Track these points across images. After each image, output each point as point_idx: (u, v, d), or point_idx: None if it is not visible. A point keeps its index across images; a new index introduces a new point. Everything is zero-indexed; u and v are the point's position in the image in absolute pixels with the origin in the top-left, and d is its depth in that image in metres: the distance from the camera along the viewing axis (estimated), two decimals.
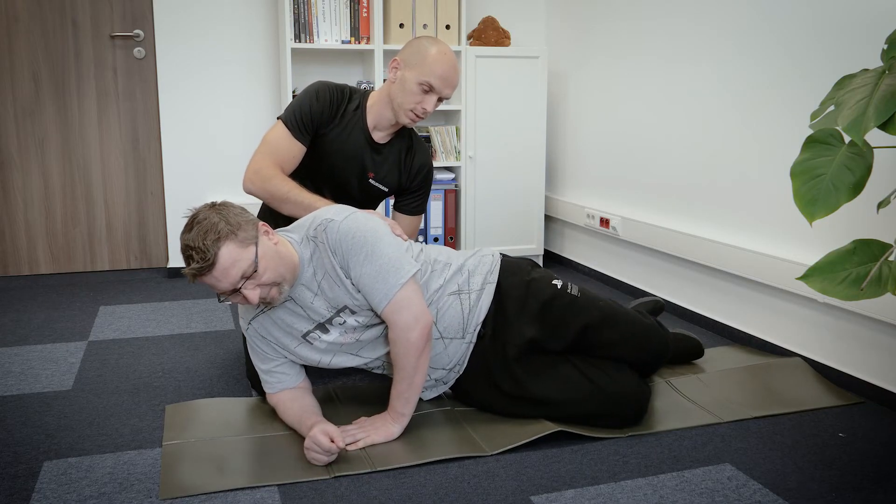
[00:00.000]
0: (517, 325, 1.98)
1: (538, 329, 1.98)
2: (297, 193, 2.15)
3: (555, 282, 2.05)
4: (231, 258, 1.71)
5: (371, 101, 2.28)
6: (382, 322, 1.92)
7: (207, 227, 1.72)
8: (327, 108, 2.23)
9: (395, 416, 1.90)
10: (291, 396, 1.97)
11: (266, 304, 1.87)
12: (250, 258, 1.73)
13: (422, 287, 1.93)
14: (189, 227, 1.75)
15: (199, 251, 1.69)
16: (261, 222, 1.82)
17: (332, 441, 1.75)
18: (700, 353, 2.46)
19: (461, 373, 2.03)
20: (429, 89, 2.16)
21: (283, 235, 1.90)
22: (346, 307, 1.88)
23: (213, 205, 1.80)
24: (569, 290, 2.04)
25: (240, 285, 1.74)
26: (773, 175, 2.52)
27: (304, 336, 1.93)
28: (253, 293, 1.75)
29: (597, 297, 2.08)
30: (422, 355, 1.86)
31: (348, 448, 1.83)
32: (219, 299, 1.83)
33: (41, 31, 3.44)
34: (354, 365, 1.98)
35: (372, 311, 1.89)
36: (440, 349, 1.98)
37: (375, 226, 1.88)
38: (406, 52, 2.20)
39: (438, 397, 2.12)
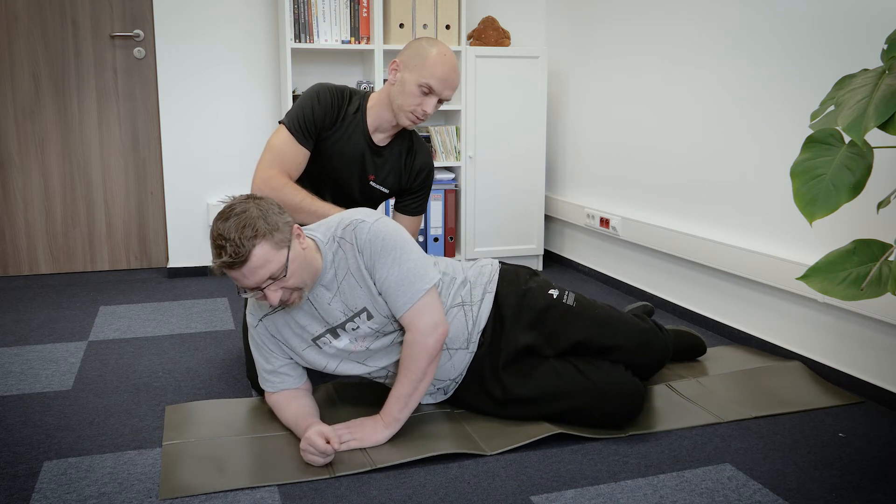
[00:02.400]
0: (513, 332, 1.99)
1: (533, 337, 1.98)
2: (311, 203, 2.14)
3: (551, 291, 2.05)
4: (263, 259, 1.69)
5: (371, 103, 2.27)
6: (394, 332, 1.91)
7: (246, 222, 1.68)
8: (329, 111, 2.23)
9: (389, 421, 1.87)
10: (289, 396, 1.97)
11: (283, 306, 1.86)
12: (281, 261, 1.72)
13: None
14: (225, 216, 1.70)
15: (234, 244, 1.66)
16: (295, 224, 1.80)
17: (328, 442, 1.75)
18: (702, 350, 2.46)
19: (460, 382, 2.03)
20: (428, 91, 2.16)
21: (309, 234, 1.88)
22: (364, 310, 1.87)
23: (253, 197, 1.76)
24: (564, 300, 2.03)
25: (264, 285, 1.73)
26: (773, 175, 2.52)
27: (315, 340, 1.92)
28: (275, 294, 1.74)
29: (593, 304, 2.07)
30: (433, 362, 1.86)
31: (337, 450, 1.81)
32: (238, 292, 1.82)
33: (41, 31, 3.44)
34: (359, 373, 1.97)
35: (387, 318, 1.89)
36: (445, 360, 1.98)
37: (404, 232, 1.89)
38: (406, 53, 2.20)
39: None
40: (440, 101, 2.20)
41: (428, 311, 1.85)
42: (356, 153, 2.27)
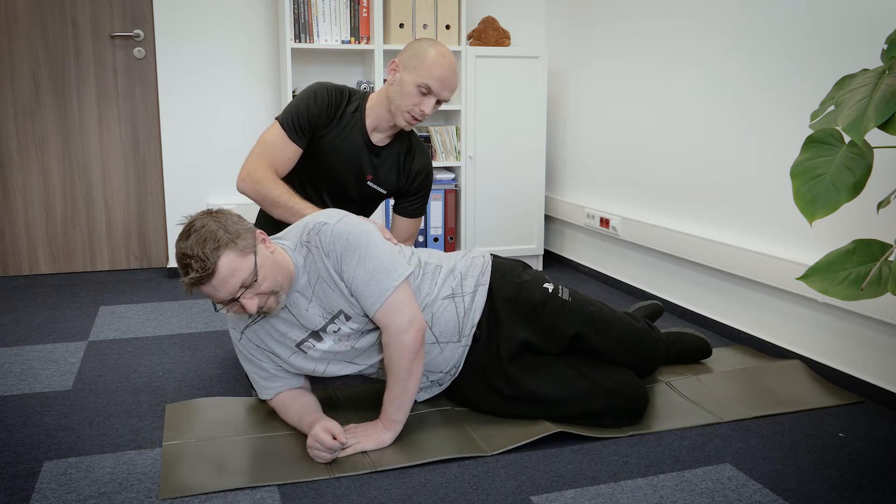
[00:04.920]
0: (509, 326, 1.98)
1: (531, 331, 1.98)
2: (288, 199, 2.14)
3: (546, 285, 2.05)
4: (231, 267, 1.68)
5: (370, 103, 2.27)
6: (376, 328, 1.90)
7: (206, 235, 1.68)
8: (325, 110, 2.23)
9: (388, 423, 1.87)
10: (291, 396, 1.96)
11: (262, 314, 1.85)
12: (250, 267, 1.71)
13: (414, 290, 1.92)
14: (186, 235, 1.71)
15: (198, 259, 1.65)
16: (258, 230, 1.79)
17: (335, 438, 1.75)
18: (708, 353, 2.46)
19: (456, 375, 2.03)
20: (427, 91, 2.16)
21: (277, 243, 1.87)
22: (341, 312, 1.86)
23: (210, 212, 1.77)
24: (560, 294, 2.04)
25: (238, 295, 1.71)
26: (773, 175, 2.52)
27: (298, 345, 1.90)
28: (251, 302, 1.72)
29: (588, 300, 2.08)
30: (416, 359, 1.84)
31: (344, 444, 1.81)
32: (215, 308, 1.80)
33: (41, 31, 3.44)
34: (349, 373, 1.97)
35: (365, 317, 1.87)
36: (436, 353, 1.97)
37: (368, 228, 1.87)
38: (405, 54, 2.20)
39: (436, 397, 2.11)
40: (438, 102, 2.20)
41: (399, 309, 1.82)
42: (353, 152, 2.27)
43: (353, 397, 2.18)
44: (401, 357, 1.82)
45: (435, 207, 3.62)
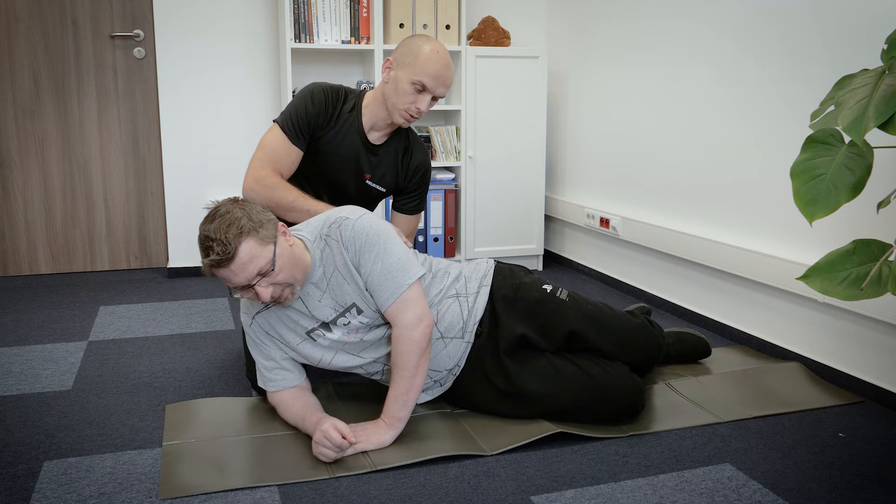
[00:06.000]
0: (508, 322, 2.01)
1: (529, 328, 2.01)
2: (303, 202, 2.15)
3: (544, 286, 2.09)
4: (250, 254, 1.73)
5: (366, 102, 2.27)
6: (386, 323, 1.93)
7: (230, 221, 1.73)
8: (322, 111, 2.22)
9: (391, 422, 1.87)
10: (293, 394, 1.98)
11: (277, 303, 1.88)
12: (268, 256, 1.75)
13: (424, 290, 1.96)
14: (210, 219, 1.75)
15: (220, 243, 1.70)
16: (280, 223, 1.84)
17: (344, 437, 1.76)
18: (708, 353, 2.46)
19: (458, 374, 2.04)
20: (422, 89, 2.15)
21: (296, 234, 1.92)
22: (353, 305, 1.89)
23: (236, 200, 1.82)
24: (557, 295, 2.07)
25: (254, 282, 1.76)
26: (773, 175, 2.52)
27: (308, 333, 1.94)
28: (265, 291, 1.77)
29: (586, 300, 2.11)
30: (423, 355, 1.87)
31: (343, 454, 1.82)
32: (230, 293, 1.84)
33: (41, 31, 3.44)
34: (354, 365, 1.98)
35: (377, 312, 1.91)
36: (440, 349, 1.99)
37: (387, 227, 1.92)
38: (399, 51, 2.19)
39: (435, 400, 2.11)
40: (434, 99, 2.19)
41: (411, 306, 1.87)
42: (351, 152, 2.27)
43: (352, 395, 2.18)
44: (409, 352, 1.85)
45: (435, 207, 3.62)
